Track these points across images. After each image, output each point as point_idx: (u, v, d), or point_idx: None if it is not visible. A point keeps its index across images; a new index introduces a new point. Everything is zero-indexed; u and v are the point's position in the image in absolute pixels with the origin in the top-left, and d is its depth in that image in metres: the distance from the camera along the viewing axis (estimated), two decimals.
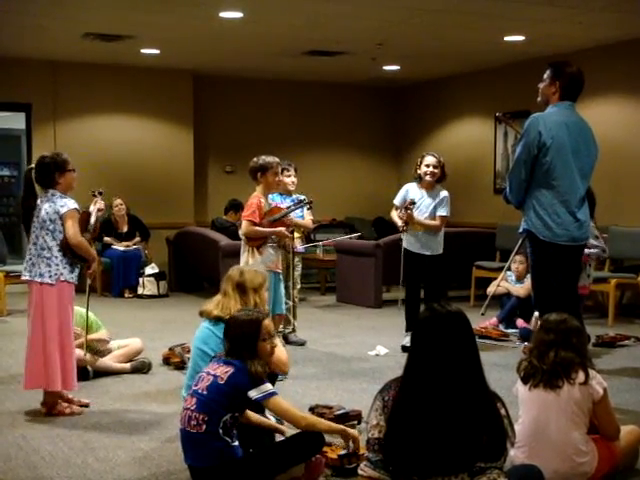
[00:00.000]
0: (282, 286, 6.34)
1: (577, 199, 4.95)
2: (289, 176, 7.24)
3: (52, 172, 5.03)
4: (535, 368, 3.64)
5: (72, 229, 4.97)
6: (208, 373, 3.62)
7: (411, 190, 6.88)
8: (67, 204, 4.99)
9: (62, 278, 4.97)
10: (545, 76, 5.08)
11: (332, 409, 4.77)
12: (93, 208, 5.35)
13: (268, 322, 3.76)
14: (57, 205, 4.98)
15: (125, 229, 10.73)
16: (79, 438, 4.58)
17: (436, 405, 2.93)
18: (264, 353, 3.68)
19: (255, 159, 6.37)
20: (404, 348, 6.77)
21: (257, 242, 6.22)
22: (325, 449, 3.84)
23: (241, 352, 3.61)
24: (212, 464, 3.52)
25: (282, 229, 6.29)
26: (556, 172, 4.88)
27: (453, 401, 2.91)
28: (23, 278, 5.11)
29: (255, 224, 6.21)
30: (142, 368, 6.20)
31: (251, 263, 6.14)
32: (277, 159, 6.38)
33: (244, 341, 3.64)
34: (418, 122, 12.82)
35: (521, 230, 5.09)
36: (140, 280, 10.51)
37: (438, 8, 7.94)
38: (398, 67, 11.35)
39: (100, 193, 5.51)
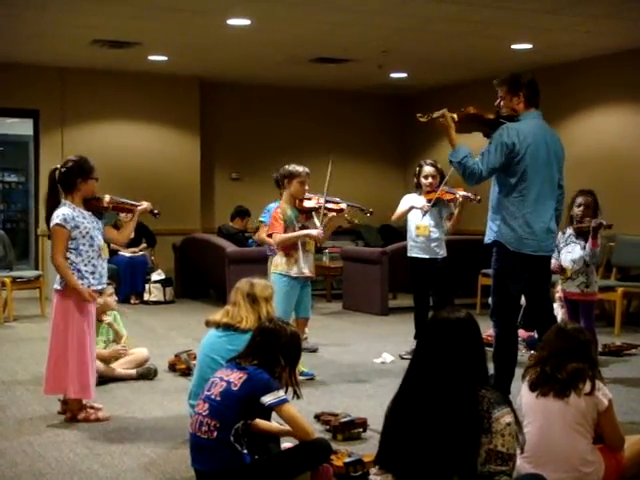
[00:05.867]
0: (309, 291, 6.31)
1: (547, 208, 4.93)
2: None
3: (75, 177, 5.01)
4: (547, 376, 3.61)
5: (53, 249, 4.96)
6: (221, 379, 3.62)
7: (413, 199, 6.97)
8: (54, 219, 4.95)
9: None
10: (501, 93, 5.00)
11: (338, 416, 4.77)
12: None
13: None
14: (53, 216, 4.97)
15: (132, 235, 10.73)
16: (85, 444, 4.59)
17: (431, 409, 2.94)
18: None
19: (285, 166, 6.33)
20: (402, 357, 6.88)
21: (291, 247, 6.17)
22: (331, 457, 3.84)
23: (277, 360, 3.64)
24: (220, 470, 3.52)
25: (306, 231, 6.18)
26: (528, 181, 4.85)
27: (450, 407, 2.92)
28: None
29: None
30: (148, 374, 6.20)
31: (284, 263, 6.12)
32: (307, 169, 6.30)
33: (289, 350, 3.70)
34: (424, 129, 12.75)
35: (488, 241, 5.03)
36: (146, 286, 10.53)
37: (445, 16, 7.96)
38: (405, 74, 11.37)
39: (155, 214, 5.50)
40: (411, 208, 6.93)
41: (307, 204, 6.27)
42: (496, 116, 5.00)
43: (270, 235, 6.22)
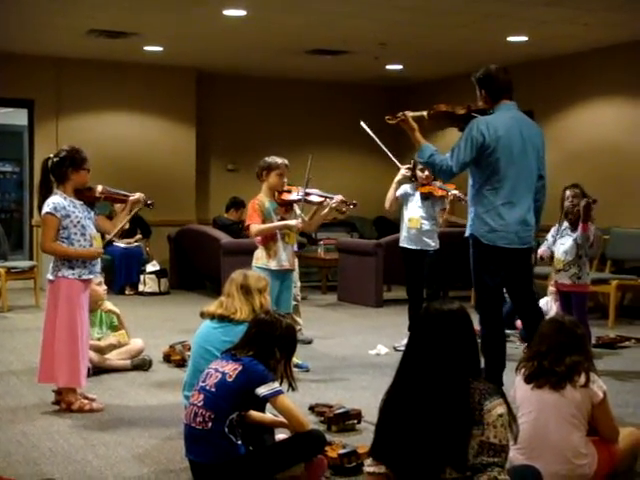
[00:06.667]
0: (290, 284, 6.27)
1: (522, 200, 4.87)
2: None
3: (66, 167, 5.00)
4: (544, 370, 3.61)
5: (42, 237, 4.99)
6: (216, 370, 3.63)
7: (404, 188, 7.07)
8: (45, 207, 4.96)
9: (60, 274, 4.96)
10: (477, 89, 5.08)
11: (332, 408, 4.78)
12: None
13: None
14: (44, 205, 4.98)
15: (126, 226, 10.71)
16: (79, 435, 4.59)
17: (423, 400, 2.95)
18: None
19: (265, 158, 6.29)
20: (396, 349, 6.88)
21: (270, 239, 6.14)
22: (325, 448, 3.84)
23: (272, 352, 3.65)
24: (214, 460, 3.53)
25: (286, 222, 6.14)
26: (500, 174, 4.81)
27: (442, 398, 2.93)
28: None
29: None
30: (143, 365, 6.20)
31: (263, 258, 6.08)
32: (286, 161, 6.25)
33: (284, 342, 3.71)
34: None
35: (467, 235, 5.04)
36: (141, 277, 10.53)
37: (441, 8, 7.94)
38: (401, 67, 11.36)
39: (149, 204, 5.48)
40: (398, 185, 6.95)
41: (286, 197, 6.21)
42: (467, 111, 5.01)
43: (248, 226, 6.17)
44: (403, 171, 7.00)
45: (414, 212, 6.92)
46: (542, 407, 3.59)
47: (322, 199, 6.34)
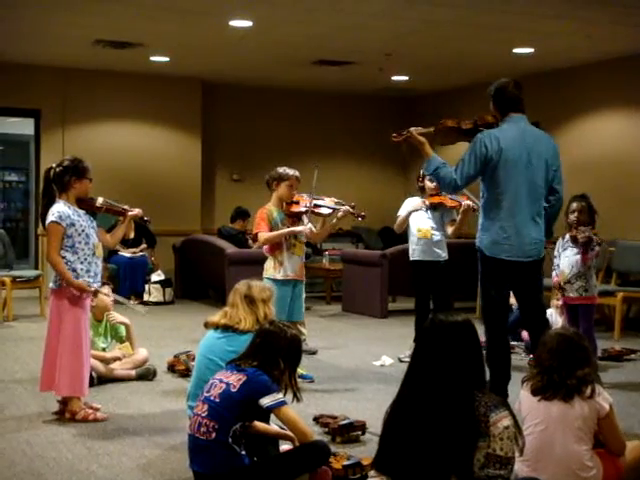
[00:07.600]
0: (301, 293, 6.27)
1: (525, 213, 4.84)
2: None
3: (69, 176, 5.03)
4: (554, 383, 3.59)
5: (48, 246, 5.00)
6: (221, 380, 3.62)
7: (412, 203, 7.00)
8: (49, 216, 4.98)
9: (64, 283, 4.97)
10: None
11: (336, 419, 4.77)
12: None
13: None
14: (49, 213, 5.00)
15: (132, 236, 10.76)
16: (83, 445, 4.59)
17: (428, 412, 2.94)
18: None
19: (277, 168, 6.29)
20: (401, 360, 6.86)
21: (275, 249, 6.16)
22: (330, 459, 3.83)
23: (276, 362, 3.65)
24: (218, 471, 3.52)
25: (291, 229, 6.16)
26: (502, 186, 4.81)
27: (447, 410, 2.92)
28: None
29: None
30: (147, 375, 6.20)
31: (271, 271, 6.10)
32: (297, 173, 6.24)
33: (289, 353, 3.70)
34: None
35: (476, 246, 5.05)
36: (146, 287, 10.53)
37: (447, 20, 7.96)
38: (407, 78, 11.37)
39: (145, 221, 5.59)
40: (410, 214, 6.94)
41: (294, 209, 6.20)
42: (474, 125, 5.01)
43: (256, 235, 6.17)
44: (419, 201, 6.93)
45: (423, 223, 6.85)
46: (549, 420, 3.57)
47: (330, 211, 6.36)
